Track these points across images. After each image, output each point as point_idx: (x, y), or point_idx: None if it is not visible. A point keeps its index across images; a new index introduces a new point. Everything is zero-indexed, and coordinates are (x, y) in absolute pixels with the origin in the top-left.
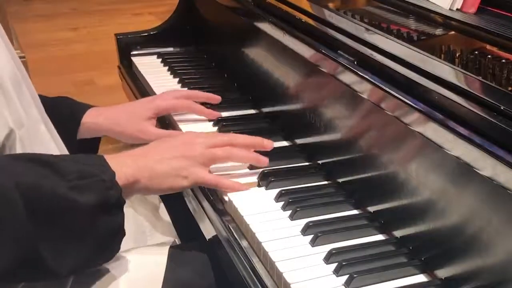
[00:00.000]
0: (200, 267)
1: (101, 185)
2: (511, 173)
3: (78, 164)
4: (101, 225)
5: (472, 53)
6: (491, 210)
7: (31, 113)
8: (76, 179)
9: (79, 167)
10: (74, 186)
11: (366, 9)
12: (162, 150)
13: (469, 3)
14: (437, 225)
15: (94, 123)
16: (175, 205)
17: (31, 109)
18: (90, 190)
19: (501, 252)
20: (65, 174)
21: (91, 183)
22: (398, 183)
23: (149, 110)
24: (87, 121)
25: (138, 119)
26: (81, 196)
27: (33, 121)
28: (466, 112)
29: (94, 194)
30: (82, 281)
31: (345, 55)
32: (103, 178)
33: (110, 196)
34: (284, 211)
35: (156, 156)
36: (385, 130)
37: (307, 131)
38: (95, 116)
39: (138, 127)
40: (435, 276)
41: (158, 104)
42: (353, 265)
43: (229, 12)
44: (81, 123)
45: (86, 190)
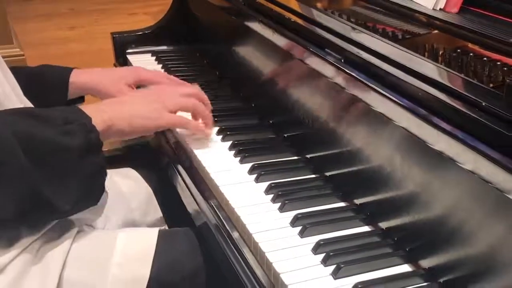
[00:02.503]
0: (189, 249)
1: (83, 128)
2: (492, 167)
3: (59, 112)
4: (87, 164)
5: (454, 52)
6: (473, 203)
7: (6, 93)
8: (61, 125)
9: (61, 114)
10: (62, 131)
11: (353, 9)
12: (135, 97)
13: (452, 3)
14: (421, 217)
15: (80, 82)
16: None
17: (6, 89)
18: (75, 133)
19: (482, 242)
20: (50, 121)
21: (74, 128)
22: (384, 176)
23: (130, 76)
24: (73, 80)
25: (119, 82)
26: (68, 139)
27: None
28: (449, 108)
29: (78, 136)
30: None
31: (333, 53)
32: (82, 122)
33: (91, 138)
34: (273, 203)
35: (129, 102)
36: (371, 126)
37: (296, 126)
38: (80, 75)
39: (118, 87)
40: (419, 266)
41: (140, 73)
42: (340, 256)
43: (220, 12)
44: (70, 82)
45: (72, 134)
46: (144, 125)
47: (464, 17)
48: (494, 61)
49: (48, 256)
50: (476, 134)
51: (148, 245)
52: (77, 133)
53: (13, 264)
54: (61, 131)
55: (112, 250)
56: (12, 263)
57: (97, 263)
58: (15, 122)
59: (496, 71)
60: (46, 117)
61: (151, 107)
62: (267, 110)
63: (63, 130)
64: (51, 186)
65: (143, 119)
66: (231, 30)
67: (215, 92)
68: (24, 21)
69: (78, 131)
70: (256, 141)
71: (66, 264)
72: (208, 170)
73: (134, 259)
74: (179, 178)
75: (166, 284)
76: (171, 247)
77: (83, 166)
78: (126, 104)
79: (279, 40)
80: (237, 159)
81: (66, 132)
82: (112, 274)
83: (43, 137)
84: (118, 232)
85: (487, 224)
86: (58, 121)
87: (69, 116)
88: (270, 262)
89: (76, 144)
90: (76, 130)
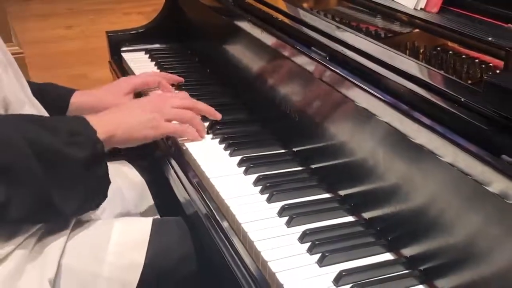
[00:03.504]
0: (180, 238)
1: (88, 141)
2: (470, 160)
3: (65, 123)
4: (91, 173)
5: (434, 49)
6: (452, 194)
7: (17, 93)
8: (67, 136)
9: (66, 126)
10: (67, 142)
11: (337, 9)
12: (134, 107)
13: (432, 3)
14: (403, 208)
15: (80, 102)
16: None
17: (18, 92)
18: (80, 145)
19: (461, 231)
20: (57, 132)
21: (81, 140)
22: (367, 169)
23: (126, 87)
24: (74, 101)
25: (117, 95)
26: (74, 151)
27: (19, 101)
28: (429, 103)
29: (84, 149)
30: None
31: (318, 51)
32: (88, 134)
33: (97, 149)
34: (261, 194)
35: (129, 112)
36: (355, 120)
37: (283, 120)
38: (80, 96)
39: (119, 100)
40: (400, 254)
41: (134, 80)
42: (325, 245)
43: (211, 12)
44: (70, 103)
45: (77, 146)
46: (145, 135)
47: (444, 16)
48: (473, 58)
49: (47, 245)
50: (455, 128)
51: (143, 233)
52: (83, 145)
53: (14, 253)
54: (68, 142)
55: (109, 239)
56: (14, 253)
57: (94, 251)
58: (25, 128)
59: (475, 68)
60: (53, 127)
61: (150, 117)
62: (256, 105)
63: (70, 141)
64: (58, 191)
65: (143, 129)
66: (221, 29)
67: (206, 88)
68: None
69: (85, 144)
70: (245, 135)
71: (65, 252)
72: (199, 163)
73: (129, 247)
74: (171, 170)
75: (160, 270)
76: (164, 236)
77: (88, 176)
78: (126, 115)
79: (267, 39)
80: (226, 153)
81: (73, 143)
82: (108, 261)
83: (51, 147)
84: (114, 221)
85: (465, 214)
86: (65, 132)
87: (75, 127)
88: (259, 250)
89: (83, 156)
90: (83, 142)
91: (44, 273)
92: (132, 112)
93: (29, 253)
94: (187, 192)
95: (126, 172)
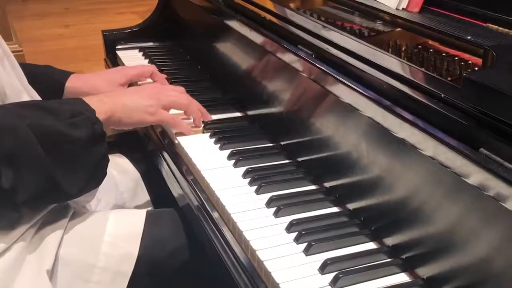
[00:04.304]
0: (174, 229)
1: (88, 121)
2: (450, 153)
3: (65, 105)
4: (93, 153)
5: (416, 48)
6: (433, 186)
7: (14, 84)
8: (69, 118)
9: (68, 107)
10: (69, 124)
11: (323, 8)
12: (134, 92)
13: (414, 3)
14: (385, 199)
15: (74, 87)
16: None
17: (14, 81)
18: (81, 126)
19: (441, 222)
20: (59, 114)
21: (81, 121)
22: (351, 161)
23: (122, 77)
24: (69, 85)
25: (112, 84)
26: (76, 131)
27: (16, 91)
28: (410, 99)
29: (85, 129)
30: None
31: (304, 49)
32: (87, 115)
33: (95, 129)
34: (250, 186)
35: (128, 95)
36: (339, 115)
37: (271, 115)
38: (76, 81)
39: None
40: (383, 243)
41: (129, 71)
42: (311, 234)
43: (202, 11)
44: (65, 87)
45: (79, 126)
46: (142, 118)
47: (425, 16)
48: (452, 56)
49: (45, 237)
50: (436, 123)
51: (137, 225)
52: (83, 125)
53: (14, 246)
54: (69, 124)
55: (104, 231)
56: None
57: (90, 242)
58: (28, 115)
59: (454, 65)
60: (55, 110)
61: (148, 103)
62: (245, 101)
63: (71, 122)
64: (62, 173)
65: (141, 113)
66: (211, 28)
67: (197, 85)
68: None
69: (84, 124)
70: (234, 130)
71: (62, 244)
72: (191, 156)
73: (123, 239)
74: (164, 163)
75: (153, 260)
76: (157, 227)
77: (89, 154)
78: (126, 98)
79: (255, 37)
80: (217, 146)
81: (74, 124)
82: (103, 252)
83: (54, 129)
84: (109, 213)
85: (445, 205)
86: (66, 114)
87: (75, 109)
88: (247, 240)
89: (83, 135)
90: (83, 123)
91: (42, 264)
92: (132, 96)
93: (28, 245)
94: (179, 184)
95: (121, 164)
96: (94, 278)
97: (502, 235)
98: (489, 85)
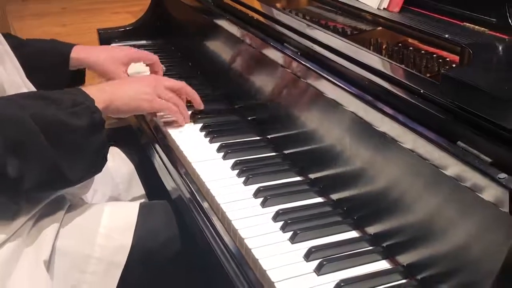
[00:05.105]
0: (166, 220)
1: (88, 110)
2: (428, 146)
3: (66, 95)
4: (93, 141)
5: (396, 46)
6: (412, 177)
7: (14, 79)
8: (70, 107)
9: (68, 97)
10: (70, 113)
11: (308, 8)
12: (131, 81)
13: (394, 3)
14: (367, 190)
15: (79, 58)
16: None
17: (15, 77)
18: (82, 115)
19: (420, 211)
20: (60, 104)
21: (81, 110)
22: (334, 154)
23: (124, 56)
24: (73, 56)
25: (116, 62)
26: (77, 121)
27: (16, 86)
28: (391, 94)
29: (85, 118)
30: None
31: (290, 47)
32: (87, 104)
33: (95, 118)
34: (239, 178)
35: (126, 84)
36: (323, 110)
37: (258, 110)
38: (80, 52)
39: (115, 66)
40: (365, 232)
41: (132, 52)
42: (297, 223)
43: (192, 11)
44: (70, 57)
45: (79, 115)
46: (139, 105)
47: (405, 15)
48: (431, 54)
49: (42, 229)
50: (415, 117)
51: (131, 217)
52: (83, 115)
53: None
54: (70, 113)
55: (99, 223)
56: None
57: (86, 233)
58: (31, 106)
59: (433, 63)
60: (55, 100)
61: (146, 90)
62: (234, 96)
63: (72, 112)
64: (64, 161)
65: (139, 100)
66: (201, 26)
67: (187, 81)
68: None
69: (84, 113)
70: (223, 123)
71: (58, 236)
72: (182, 148)
73: (118, 230)
74: (157, 156)
75: (146, 250)
76: (150, 219)
77: (90, 142)
78: (124, 86)
79: (243, 36)
80: (207, 139)
81: (75, 113)
82: (98, 243)
83: (55, 119)
84: (104, 206)
85: (424, 196)
86: (66, 104)
87: (75, 98)
88: (236, 229)
89: (84, 124)
90: (83, 112)
91: (39, 255)
92: (130, 84)
93: (26, 237)
94: (171, 176)
95: (116, 157)
96: (90, 268)
97: (478, 224)
98: (466, 81)
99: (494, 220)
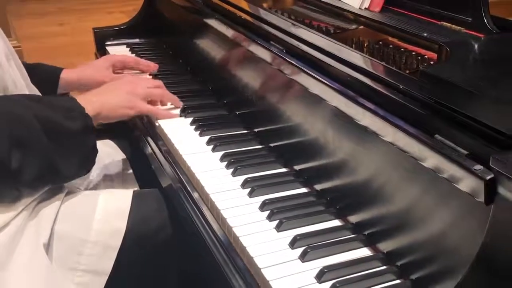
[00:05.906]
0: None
1: (81, 115)
2: (408, 139)
3: (61, 102)
4: (85, 143)
5: (377, 44)
6: (392, 169)
7: (19, 82)
8: (65, 112)
9: (63, 103)
10: (65, 117)
11: (293, 8)
12: (114, 89)
13: (375, 3)
14: (349, 181)
15: (69, 78)
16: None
17: (18, 79)
18: (76, 119)
19: (400, 201)
20: (56, 109)
21: (75, 115)
22: (318, 146)
23: (105, 61)
24: (63, 76)
25: (102, 69)
26: (72, 124)
27: (20, 88)
28: (372, 90)
29: (79, 121)
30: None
31: (276, 45)
32: (80, 110)
33: (86, 122)
34: (227, 169)
35: (111, 93)
36: (308, 105)
37: (246, 105)
38: (69, 73)
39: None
40: (347, 221)
41: (111, 57)
42: (282, 212)
43: (183, 10)
44: (60, 78)
45: (74, 119)
46: (124, 113)
47: (386, 15)
48: (410, 51)
49: (42, 213)
50: (395, 112)
51: (124, 203)
52: (78, 119)
53: (13, 221)
54: (66, 117)
55: (95, 208)
56: (13, 221)
57: (82, 219)
58: (34, 107)
59: (412, 60)
60: (53, 105)
61: (128, 98)
62: (222, 92)
63: (67, 116)
64: (61, 158)
65: (123, 108)
66: (192, 25)
67: (178, 77)
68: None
69: (78, 118)
70: (212, 118)
71: (57, 220)
72: (173, 141)
73: (112, 216)
74: (149, 148)
75: (139, 235)
76: (143, 205)
77: (83, 143)
78: (108, 96)
79: (232, 34)
80: (197, 133)
81: (70, 117)
82: (94, 228)
83: (54, 120)
84: (99, 193)
85: (404, 186)
86: (63, 109)
87: (69, 105)
88: (224, 218)
89: (78, 127)
90: (77, 117)
91: (39, 238)
92: (113, 93)
93: (26, 221)
94: (162, 167)
95: (110, 149)
96: (86, 251)
97: (455, 213)
98: (443, 78)
99: (470, 210)
